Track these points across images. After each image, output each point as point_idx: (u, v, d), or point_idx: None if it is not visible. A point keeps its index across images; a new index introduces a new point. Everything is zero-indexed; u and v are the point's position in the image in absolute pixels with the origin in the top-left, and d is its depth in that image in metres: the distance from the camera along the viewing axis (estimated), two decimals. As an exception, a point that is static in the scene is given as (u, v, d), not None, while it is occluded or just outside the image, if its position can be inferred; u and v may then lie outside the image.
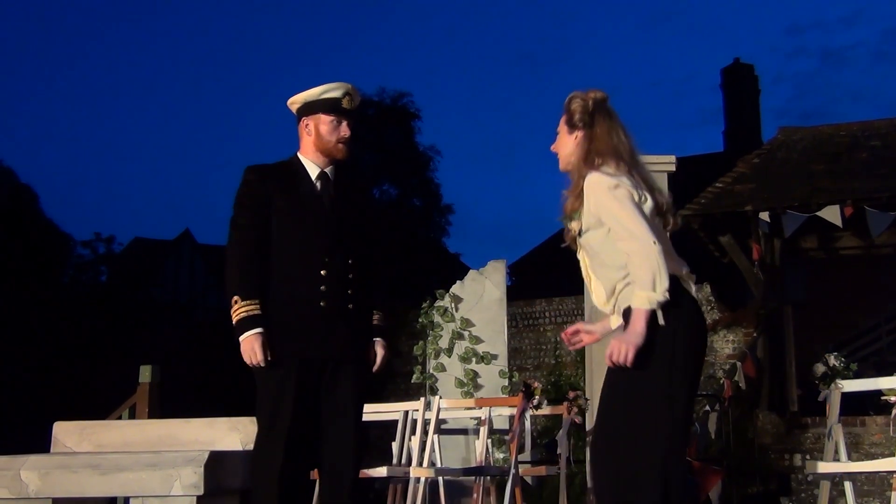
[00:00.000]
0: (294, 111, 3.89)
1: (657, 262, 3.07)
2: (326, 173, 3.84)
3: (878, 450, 9.31)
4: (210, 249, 35.23)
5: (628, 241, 3.13)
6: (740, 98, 24.11)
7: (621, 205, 3.16)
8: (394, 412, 6.91)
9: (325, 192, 3.81)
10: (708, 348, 12.38)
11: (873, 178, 11.51)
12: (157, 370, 7.47)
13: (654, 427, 3.11)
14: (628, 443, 3.14)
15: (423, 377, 8.20)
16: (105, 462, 3.93)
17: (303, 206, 3.75)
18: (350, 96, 3.81)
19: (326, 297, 3.69)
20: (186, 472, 3.79)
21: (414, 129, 25.80)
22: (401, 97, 25.88)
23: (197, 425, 4.54)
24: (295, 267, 3.70)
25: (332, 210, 3.78)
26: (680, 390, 3.14)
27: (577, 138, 3.36)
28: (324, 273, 3.69)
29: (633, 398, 3.17)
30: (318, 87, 3.82)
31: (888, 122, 13.19)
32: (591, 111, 3.35)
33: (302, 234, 3.72)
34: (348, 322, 3.74)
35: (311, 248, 3.70)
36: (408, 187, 25.37)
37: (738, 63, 24.45)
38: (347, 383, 3.75)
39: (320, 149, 3.82)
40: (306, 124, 3.84)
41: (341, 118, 3.80)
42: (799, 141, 13.23)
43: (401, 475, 6.43)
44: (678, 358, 3.14)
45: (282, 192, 3.75)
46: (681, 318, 3.17)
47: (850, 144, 12.80)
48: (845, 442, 5.71)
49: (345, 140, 3.83)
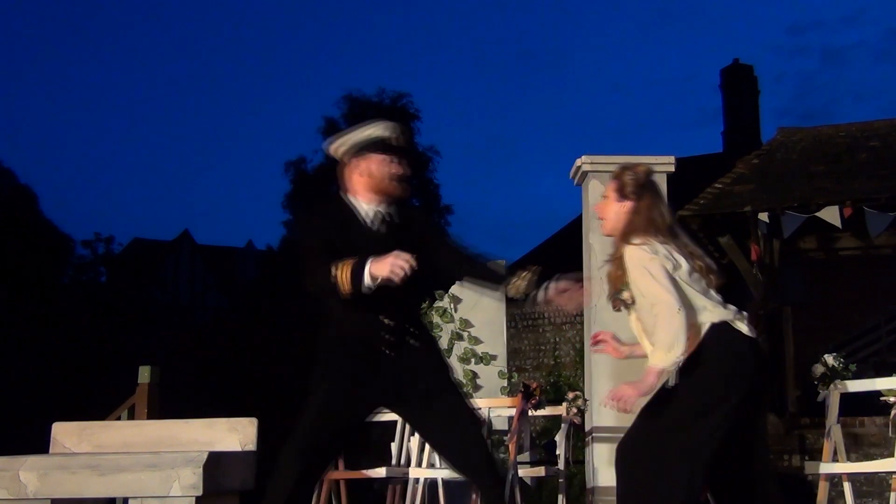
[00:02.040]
0: (339, 155, 3.85)
1: (678, 329, 3.40)
2: (382, 213, 3.79)
3: (877, 450, 9.31)
4: (209, 250, 35.29)
5: (657, 307, 3.46)
6: (739, 98, 24.11)
7: (652, 277, 3.48)
8: (393, 413, 6.92)
9: (381, 232, 3.74)
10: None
11: (872, 178, 11.52)
12: (156, 371, 7.46)
13: (687, 443, 3.42)
14: (660, 454, 3.45)
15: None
16: (104, 463, 3.93)
17: (358, 247, 3.63)
18: (397, 134, 3.80)
19: (388, 343, 3.69)
20: (186, 472, 3.79)
21: (413, 130, 25.79)
22: (400, 97, 25.88)
23: (196, 426, 4.54)
24: (355, 310, 3.64)
25: (389, 250, 3.59)
26: (714, 433, 3.43)
27: (626, 208, 3.68)
28: (384, 319, 3.68)
29: (674, 416, 3.49)
30: (361, 127, 3.80)
31: (888, 123, 13.19)
32: (643, 184, 3.69)
33: None
34: (409, 362, 3.71)
35: (376, 294, 3.55)
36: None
37: (738, 63, 24.44)
38: (444, 408, 3.71)
39: (374, 189, 3.77)
40: (356, 165, 3.78)
41: (392, 156, 3.78)
42: (798, 141, 13.23)
43: (400, 476, 6.43)
44: (726, 398, 3.45)
45: (337, 233, 3.71)
46: (730, 356, 3.50)
47: (850, 145, 12.80)
48: (844, 442, 5.72)
49: (399, 177, 3.79)
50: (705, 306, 3.55)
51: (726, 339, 3.51)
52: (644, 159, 6.20)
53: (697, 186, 12.21)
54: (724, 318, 3.55)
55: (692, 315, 3.49)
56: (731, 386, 3.46)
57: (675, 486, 3.39)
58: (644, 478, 3.46)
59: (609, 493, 5.77)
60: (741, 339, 3.54)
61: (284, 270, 22.36)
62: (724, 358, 3.49)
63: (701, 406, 3.45)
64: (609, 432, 5.86)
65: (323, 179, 25.05)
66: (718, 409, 3.43)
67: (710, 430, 3.42)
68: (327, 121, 25.53)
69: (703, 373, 3.46)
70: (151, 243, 33.02)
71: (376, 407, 3.81)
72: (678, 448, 3.42)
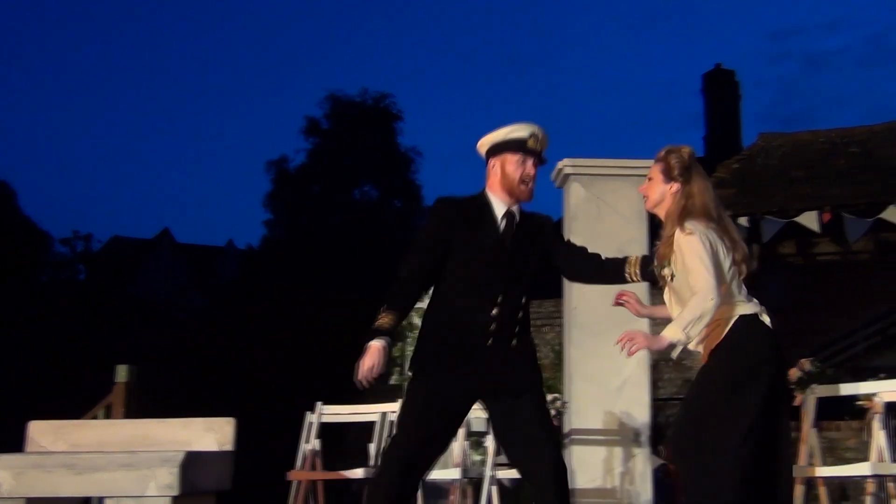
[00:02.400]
0: (482, 153, 3.99)
1: (703, 315, 3.60)
2: (512, 213, 3.90)
3: (853, 455, 9.37)
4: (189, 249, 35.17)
5: (695, 287, 3.64)
6: (721, 103, 24.22)
7: (700, 262, 3.65)
8: (371, 413, 6.91)
9: (508, 231, 3.87)
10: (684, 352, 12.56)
11: (851, 184, 11.60)
12: (133, 370, 7.43)
13: (728, 435, 3.58)
14: (705, 443, 3.61)
15: (401, 379, 8.20)
16: (80, 462, 3.91)
17: (484, 242, 3.82)
18: (536, 137, 3.90)
19: (493, 336, 3.77)
20: (162, 472, 3.78)
21: (396, 131, 25.81)
22: (383, 98, 25.90)
23: (173, 425, 4.53)
24: (467, 300, 3.78)
25: (512, 250, 3.83)
26: (751, 404, 3.62)
27: (673, 189, 3.83)
28: (495, 312, 3.76)
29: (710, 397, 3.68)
30: (506, 127, 3.93)
31: (866, 130, 13.30)
32: (688, 166, 3.82)
33: (478, 269, 3.78)
34: (514, 358, 3.81)
35: (485, 284, 3.75)
36: (389, 189, 25.36)
37: (720, 68, 24.56)
38: (526, 413, 3.79)
39: (505, 188, 3.89)
40: (493, 164, 3.92)
41: (527, 157, 3.88)
42: (778, 147, 13.32)
43: (378, 477, 6.42)
44: (749, 378, 3.64)
45: (467, 224, 3.84)
46: (758, 344, 3.71)
47: (829, 151, 12.89)
48: (820, 447, 5.75)
49: (529, 178, 3.89)
50: (738, 299, 3.73)
51: (755, 330, 3.70)
52: (626, 163, 6.24)
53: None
54: (750, 311, 3.71)
55: (725, 307, 3.67)
56: (759, 368, 3.64)
57: (725, 475, 3.55)
58: (696, 469, 3.63)
59: (587, 494, 5.78)
60: (767, 332, 3.72)
61: (265, 270, 22.34)
62: (753, 344, 3.68)
63: (733, 384, 3.62)
64: (587, 434, 5.88)
65: (304, 179, 25.05)
66: (750, 387, 3.61)
67: (746, 407, 3.59)
68: (309, 121, 25.54)
69: (733, 356, 3.66)
70: (130, 241, 32.88)
71: (475, 400, 3.87)
72: (721, 434, 3.58)
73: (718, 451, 3.60)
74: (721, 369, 3.70)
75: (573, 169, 6.22)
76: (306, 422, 6.92)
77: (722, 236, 3.77)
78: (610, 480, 5.81)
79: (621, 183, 6.14)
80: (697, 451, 3.65)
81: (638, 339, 3.64)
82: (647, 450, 5.89)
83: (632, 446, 5.84)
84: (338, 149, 24.83)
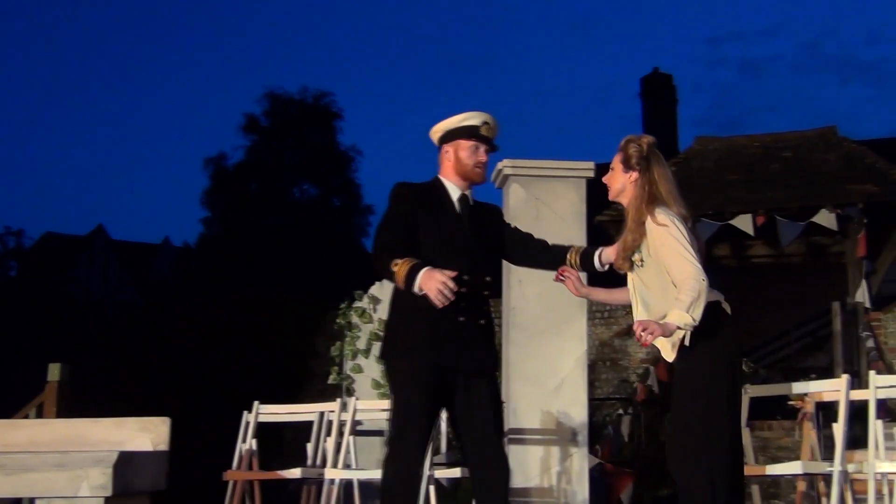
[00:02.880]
0: (436, 140, 4.14)
1: (699, 294, 3.65)
2: (466, 196, 4.08)
3: (785, 453, 9.55)
4: (124, 246, 34.68)
5: (683, 273, 3.70)
6: (658, 107, 24.55)
7: (679, 245, 3.74)
8: (309, 413, 6.88)
9: (465, 213, 4.05)
10: (621, 353, 12.72)
11: (784, 188, 11.82)
12: (66, 368, 7.32)
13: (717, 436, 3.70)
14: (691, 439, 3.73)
15: (339, 378, 8.18)
16: (10, 462, 3.84)
17: (445, 225, 3.99)
18: (488, 124, 4.07)
19: (465, 312, 3.91)
20: (95, 472, 3.73)
21: (335, 129, 25.70)
22: (323, 96, 25.77)
23: (106, 425, 4.46)
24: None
25: (470, 230, 4.02)
26: (723, 395, 3.74)
27: (632, 178, 3.92)
28: (463, 290, 3.86)
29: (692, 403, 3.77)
30: (458, 115, 4.08)
31: (798, 135, 13.56)
32: (646, 156, 3.92)
33: (443, 250, 3.93)
34: (480, 337, 3.98)
35: (451, 264, 3.84)
36: (328, 187, 25.24)
37: (657, 72, 24.89)
38: (485, 395, 3.96)
39: (459, 173, 4.06)
40: (446, 150, 4.09)
41: (479, 144, 4.05)
42: (714, 151, 13.52)
43: (315, 476, 6.40)
44: (723, 367, 3.77)
45: (426, 208, 3.99)
46: (727, 336, 3.83)
47: (763, 155, 13.12)
48: (753, 446, 5.85)
49: (482, 164, 4.07)
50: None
51: (719, 320, 3.80)
52: (565, 164, 6.28)
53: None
54: (713, 298, 3.79)
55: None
56: (727, 359, 3.78)
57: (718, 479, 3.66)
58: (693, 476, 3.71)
59: (524, 493, 5.81)
60: (728, 321, 3.85)
61: (203, 268, 22.12)
62: (720, 336, 3.79)
63: (710, 383, 3.73)
64: (524, 434, 5.91)
65: (243, 177, 24.84)
66: (724, 381, 3.74)
67: (727, 403, 3.71)
68: (248, 118, 25.32)
69: (702, 353, 3.75)
70: (64, 238, 32.33)
71: (452, 375, 3.94)
72: (710, 436, 3.68)
73: (711, 455, 3.69)
74: (695, 372, 3.78)
75: (513, 170, 6.24)
76: (243, 421, 6.88)
77: (689, 225, 3.89)
78: (547, 479, 5.84)
79: (560, 184, 6.18)
80: (692, 459, 3.72)
81: (652, 328, 3.63)
82: (584, 449, 5.94)
83: (569, 446, 5.88)
84: (277, 147, 24.66)
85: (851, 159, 12.56)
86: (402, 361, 3.91)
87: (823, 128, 13.56)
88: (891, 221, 11.50)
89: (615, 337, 12.44)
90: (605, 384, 12.30)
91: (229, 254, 22.29)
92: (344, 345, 8.19)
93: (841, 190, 11.58)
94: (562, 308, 5.96)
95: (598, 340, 12.43)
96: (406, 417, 3.88)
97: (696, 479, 3.71)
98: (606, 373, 12.43)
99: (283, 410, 7.13)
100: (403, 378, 3.93)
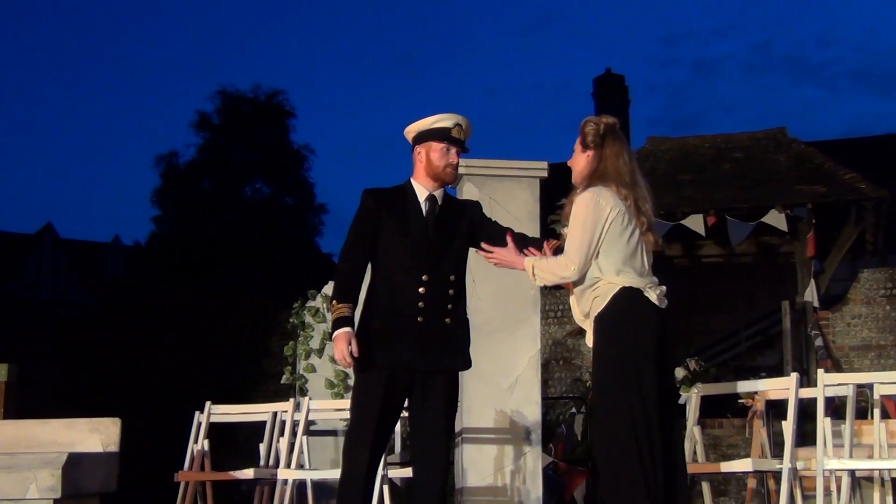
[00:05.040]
0: (409, 140, 4.19)
1: (557, 278, 3.81)
2: (435, 196, 4.12)
3: (735, 451, 9.66)
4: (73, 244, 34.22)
5: (568, 253, 3.77)
6: (610, 108, 24.66)
7: (582, 229, 3.75)
8: (262, 413, 6.84)
9: (431, 215, 4.09)
10: (574, 352, 12.79)
11: (735, 189, 11.95)
12: (13, 368, 7.20)
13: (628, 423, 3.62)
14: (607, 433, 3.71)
15: (292, 378, 8.13)
16: (-44, 464, 3.77)
17: (408, 226, 4.05)
18: (460, 126, 4.11)
19: (423, 313, 3.96)
20: (43, 474, 3.68)
21: (288, 128, 25.54)
22: (275, 95, 25.56)
23: (55, 426, 4.41)
24: (397, 282, 4.00)
25: (435, 231, 4.06)
26: (637, 385, 3.66)
27: (589, 157, 3.92)
28: (422, 291, 3.96)
29: (604, 396, 3.76)
30: (431, 117, 4.12)
31: (749, 136, 13.72)
32: (602, 134, 3.89)
33: (405, 251, 4.01)
34: (443, 336, 4.02)
35: (412, 265, 3.98)
36: (281, 186, 25.06)
37: (609, 73, 25.05)
38: (439, 394, 4.02)
39: (430, 174, 4.11)
40: (418, 151, 4.13)
41: (450, 146, 4.09)
42: (666, 151, 13.64)
43: (268, 477, 6.36)
44: (635, 357, 3.69)
45: (391, 212, 4.06)
46: (641, 323, 3.74)
47: (715, 156, 13.26)
48: (703, 443, 5.91)
49: (453, 166, 4.12)
50: (621, 270, 3.76)
51: (633, 304, 3.73)
52: (518, 164, 6.30)
53: (569, 192, 12.42)
54: (635, 285, 3.74)
55: (609, 277, 3.74)
56: (643, 344, 3.69)
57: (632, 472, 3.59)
58: (608, 466, 3.70)
59: (477, 493, 5.83)
60: (648, 307, 3.75)
61: (153, 267, 21.88)
62: (630, 320, 3.72)
63: (621, 368, 3.67)
64: (478, 433, 5.92)
65: (194, 175, 24.62)
66: (637, 366, 3.66)
67: (637, 387, 3.63)
68: (200, 115, 25.09)
69: (614, 337, 3.72)
70: (11, 236, 31.81)
71: (412, 375, 4.00)
72: (620, 424, 3.62)
73: (621, 444, 3.63)
74: (606, 357, 3.75)
75: (466, 169, 6.25)
76: (195, 421, 6.82)
77: (628, 204, 3.83)
78: (501, 478, 5.86)
79: (513, 184, 6.21)
80: (606, 448, 3.71)
81: (501, 254, 3.84)
82: (538, 448, 5.96)
83: (522, 444, 5.90)
84: (229, 145, 24.46)
85: (801, 160, 12.74)
86: (360, 362, 3.94)
87: (773, 129, 13.73)
88: (839, 222, 11.69)
89: (568, 336, 12.51)
90: (558, 383, 12.37)
91: (180, 253, 22.08)
92: (297, 344, 8.13)
93: (790, 191, 11.74)
94: (515, 308, 5.98)
95: (551, 340, 12.50)
96: (361, 417, 3.95)
97: (609, 466, 3.70)
98: (559, 372, 12.50)
99: (235, 410, 7.09)
100: (361, 378, 3.99)
